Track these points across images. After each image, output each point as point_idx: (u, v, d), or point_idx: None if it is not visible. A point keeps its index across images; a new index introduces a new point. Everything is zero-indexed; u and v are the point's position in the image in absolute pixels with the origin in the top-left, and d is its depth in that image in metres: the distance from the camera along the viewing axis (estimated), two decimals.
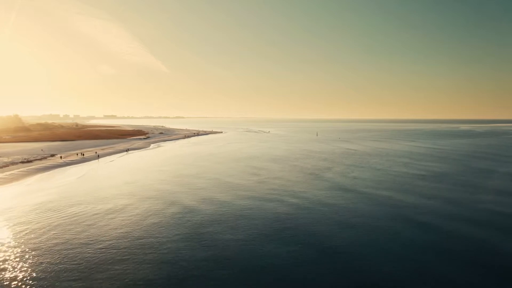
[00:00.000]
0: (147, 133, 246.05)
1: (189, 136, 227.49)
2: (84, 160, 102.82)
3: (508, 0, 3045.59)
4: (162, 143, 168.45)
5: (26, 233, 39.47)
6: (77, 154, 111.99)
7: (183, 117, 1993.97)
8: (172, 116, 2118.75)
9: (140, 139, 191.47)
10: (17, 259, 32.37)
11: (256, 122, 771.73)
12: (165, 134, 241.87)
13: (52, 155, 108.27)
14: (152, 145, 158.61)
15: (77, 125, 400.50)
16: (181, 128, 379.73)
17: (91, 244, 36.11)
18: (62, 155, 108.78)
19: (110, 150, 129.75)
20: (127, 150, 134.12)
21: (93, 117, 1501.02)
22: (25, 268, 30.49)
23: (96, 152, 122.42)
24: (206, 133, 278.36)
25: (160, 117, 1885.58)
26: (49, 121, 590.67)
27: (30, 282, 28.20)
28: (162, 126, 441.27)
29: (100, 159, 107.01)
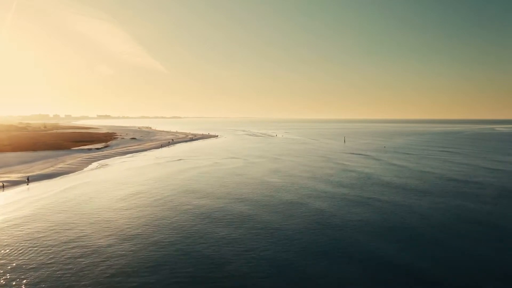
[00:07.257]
0: (113, 139, 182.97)
1: (168, 144, 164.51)
2: None
3: (508, 0, 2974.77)
4: (112, 160, 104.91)
5: None
6: None
7: (180, 117, 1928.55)
8: (168, 116, 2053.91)
9: (91, 150, 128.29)
10: None
11: (257, 123, 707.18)
12: (138, 141, 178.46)
13: None
14: (93, 163, 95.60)
15: (45, 126, 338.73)
16: (169, 130, 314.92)
17: None
18: None
19: None
20: (27, 179, 71.60)
21: (86, 117, 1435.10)
22: None
23: None
24: (196, 137, 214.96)
25: (156, 117, 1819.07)
26: (34, 122, 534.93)
27: None
28: (148, 128, 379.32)
29: None
